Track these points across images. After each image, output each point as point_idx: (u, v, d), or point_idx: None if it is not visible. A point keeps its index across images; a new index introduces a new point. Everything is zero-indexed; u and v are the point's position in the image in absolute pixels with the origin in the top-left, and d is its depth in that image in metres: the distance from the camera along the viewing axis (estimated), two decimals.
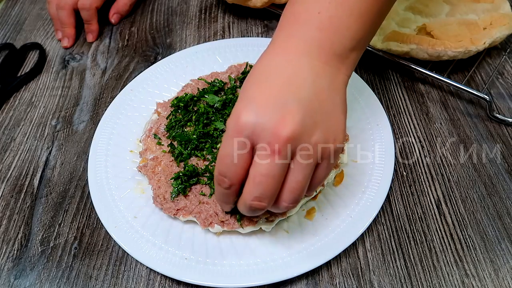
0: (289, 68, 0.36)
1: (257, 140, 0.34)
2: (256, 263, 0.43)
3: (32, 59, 0.69)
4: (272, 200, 0.36)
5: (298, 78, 0.36)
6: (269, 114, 0.34)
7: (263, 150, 0.34)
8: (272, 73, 0.36)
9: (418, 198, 0.49)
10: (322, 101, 0.36)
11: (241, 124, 0.34)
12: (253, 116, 0.34)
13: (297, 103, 0.34)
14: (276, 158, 0.33)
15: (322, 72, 0.37)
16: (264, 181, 0.34)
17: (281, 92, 0.35)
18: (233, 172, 0.35)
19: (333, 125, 0.36)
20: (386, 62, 0.62)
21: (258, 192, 0.35)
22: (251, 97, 0.35)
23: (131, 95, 0.58)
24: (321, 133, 0.35)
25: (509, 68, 0.61)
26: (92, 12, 0.70)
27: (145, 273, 0.45)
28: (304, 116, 0.34)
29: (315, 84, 0.36)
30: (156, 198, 0.47)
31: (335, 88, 0.38)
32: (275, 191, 0.35)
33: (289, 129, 0.33)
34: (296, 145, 0.34)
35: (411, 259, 0.44)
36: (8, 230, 0.49)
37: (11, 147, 0.57)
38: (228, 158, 0.35)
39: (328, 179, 0.47)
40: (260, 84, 0.36)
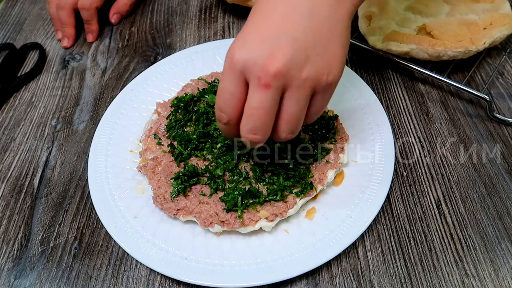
0: (287, 3, 0.37)
1: (249, 75, 0.36)
2: (256, 263, 0.43)
3: (32, 59, 0.69)
4: (266, 133, 0.38)
5: (295, 13, 0.37)
6: (260, 50, 0.35)
7: (254, 84, 0.35)
8: (269, 9, 0.37)
9: (418, 198, 0.49)
10: (319, 34, 0.37)
11: (234, 60, 0.36)
12: (245, 53, 0.35)
13: (289, 38, 0.35)
14: (265, 91, 0.35)
15: (322, 5, 0.37)
16: (255, 114, 0.36)
17: (275, 28, 0.36)
18: (230, 107, 0.37)
19: (329, 59, 0.37)
20: (386, 62, 0.62)
21: (250, 124, 0.37)
22: (246, 34, 0.37)
23: (131, 95, 0.58)
24: (314, 67, 0.36)
25: (509, 68, 0.61)
26: (92, 12, 0.70)
27: (145, 273, 0.45)
28: (295, 51, 0.35)
29: (312, 15, 0.37)
30: (156, 198, 0.47)
31: (335, 19, 0.38)
32: (267, 124, 0.37)
33: (277, 63, 0.34)
34: (286, 80, 0.35)
35: (411, 259, 0.44)
36: (8, 230, 0.49)
37: (11, 147, 0.57)
38: (224, 94, 0.37)
39: (328, 179, 0.47)
40: (257, 21, 0.38)
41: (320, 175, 0.47)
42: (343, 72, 0.57)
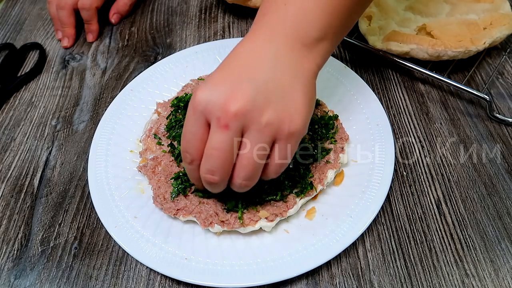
0: (252, 53, 0.38)
1: (209, 116, 0.36)
2: (256, 263, 0.43)
3: (32, 59, 0.69)
4: (223, 175, 0.37)
5: (258, 61, 0.37)
6: (221, 91, 0.35)
7: (214, 124, 0.36)
8: (236, 58, 0.38)
9: (418, 198, 0.49)
10: (280, 84, 0.37)
11: (196, 101, 0.36)
12: (206, 93, 0.36)
13: (251, 82, 0.36)
14: (224, 132, 0.35)
15: (284, 57, 0.38)
16: (214, 154, 0.36)
17: (238, 72, 0.37)
18: (193, 147, 0.37)
19: (291, 107, 0.37)
20: (386, 62, 0.62)
21: (209, 164, 0.36)
22: (210, 78, 0.37)
23: (131, 95, 0.58)
24: (275, 112, 0.36)
25: (509, 68, 0.61)
26: (92, 12, 0.70)
27: (145, 273, 0.45)
28: (256, 94, 0.35)
29: (275, 67, 0.37)
30: (156, 198, 0.47)
31: (297, 74, 0.38)
32: (225, 165, 0.36)
33: (237, 104, 0.34)
34: (246, 122, 0.35)
35: (411, 259, 0.44)
36: (8, 230, 0.49)
37: (11, 147, 0.57)
38: (187, 134, 0.38)
39: (328, 179, 0.47)
40: (222, 67, 0.38)
41: (320, 175, 0.47)
42: (343, 72, 0.58)
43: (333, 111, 0.53)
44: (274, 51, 0.38)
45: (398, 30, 0.60)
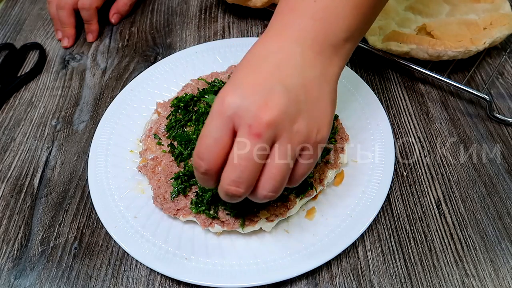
0: (280, 54, 0.36)
1: (239, 122, 0.33)
2: (256, 263, 0.43)
3: (32, 59, 0.69)
4: (249, 186, 0.34)
5: (288, 65, 0.36)
6: (253, 98, 0.33)
7: (244, 132, 0.33)
8: (263, 58, 0.36)
9: (418, 198, 0.49)
10: (309, 91, 0.36)
11: (225, 105, 0.33)
12: (237, 99, 0.33)
13: (283, 89, 0.34)
14: (256, 141, 0.33)
15: (313, 62, 0.37)
16: (242, 164, 0.33)
17: (268, 77, 0.35)
18: (212, 155, 0.34)
19: (318, 116, 0.36)
20: (386, 62, 0.62)
21: (235, 175, 0.34)
22: (239, 81, 0.35)
23: (131, 95, 0.58)
24: (304, 122, 0.35)
25: (509, 68, 0.61)
26: (92, 12, 0.70)
27: (145, 273, 0.45)
28: (288, 103, 0.34)
29: (304, 73, 0.36)
30: (156, 198, 0.47)
31: (325, 79, 0.37)
32: (253, 176, 0.34)
33: (271, 113, 0.33)
34: (277, 131, 0.33)
35: (411, 259, 0.44)
36: (8, 230, 0.49)
37: (11, 147, 0.57)
38: (207, 139, 0.34)
39: (328, 179, 0.47)
40: (250, 68, 0.36)
41: (320, 175, 0.47)
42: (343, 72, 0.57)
43: None
44: (304, 52, 0.36)
45: (398, 30, 0.60)
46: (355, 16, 0.38)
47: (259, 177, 0.35)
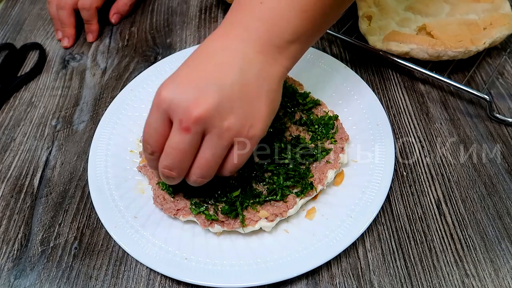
0: (222, 53, 0.38)
1: (172, 115, 0.37)
2: (256, 263, 0.43)
3: (32, 59, 0.69)
4: (181, 172, 0.39)
5: (227, 64, 0.38)
6: (186, 94, 0.36)
7: (175, 125, 0.37)
8: (205, 56, 0.39)
9: (418, 198, 0.49)
10: (246, 89, 0.38)
11: (161, 98, 0.37)
12: (171, 93, 0.37)
13: (216, 87, 0.36)
14: (184, 134, 0.36)
15: (254, 61, 0.38)
16: (173, 153, 0.38)
17: (205, 75, 0.37)
18: (154, 141, 0.39)
19: (252, 113, 0.38)
20: (386, 62, 0.62)
21: (167, 161, 0.38)
22: (177, 75, 0.38)
23: (131, 95, 0.58)
24: (236, 119, 0.37)
25: (509, 68, 0.61)
26: (92, 12, 0.70)
27: (145, 273, 0.45)
28: (219, 100, 0.36)
29: (243, 72, 0.38)
30: (156, 198, 0.47)
31: (265, 78, 0.39)
32: (183, 164, 0.38)
33: (200, 110, 0.35)
34: (207, 126, 0.36)
35: (411, 259, 0.44)
36: (8, 230, 0.49)
37: (11, 147, 0.57)
38: (149, 128, 0.39)
39: (328, 179, 0.47)
40: (192, 65, 0.39)
41: (320, 175, 0.47)
42: (343, 72, 0.58)
43: (333, 111, 0.53)
44: (244, 52, 0.38)
45: (398, 30, 0.60)
46: (301, 20, 0.39)
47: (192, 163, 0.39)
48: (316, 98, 0.54)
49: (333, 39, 0.67)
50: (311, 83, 0.57)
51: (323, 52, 0.61)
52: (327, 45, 0.67)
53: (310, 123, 0.51)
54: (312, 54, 0.61)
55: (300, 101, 0.53)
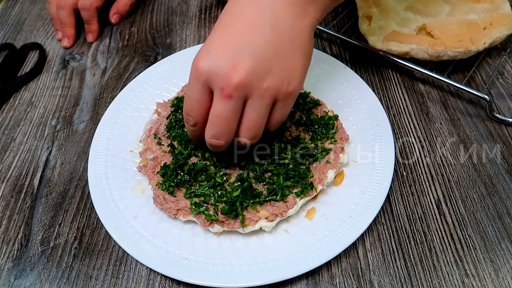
0: (251, 9, 0.38)
1: (212, 85, 0.38)
2: (256, 263, 0.43)
3: (32, 59, 0.69)
4: (228, 138, 0.40)
5: (257, 23, 0.38)
6: (223, 62, 0.37)
7: (217, 94, 0.38)
8: (235, 15, 0.39)
9: (418, 198, 0.49)
10: (280, 46, 0.38)
11: (199, 70, 0.38)
12: (208, 63, 0.37)
13: (251, 51, 0.37)
14: (227, 101, 0.37)
15: (285, 14, 0.39)
16: (218, 122, 0.39)
17: (237, 39, 0.38)
18: (196, 112, 0.40)
19: (289, 69, 0.39)
20: (386, 62, 0.62)
21: (214, 131, 0.39)
22: (211, 44, 0.38)
23: (131, 95, 0.58)
24: (274, 78, 0.38)
25: (509, 68, 0.61)
26: (92, 12, 0.70)
27: (145, 273, 0.45)
28: (255, 63, 0.37)
29: (274, 29, 0.38)
30: (156, 198, 0.47)
31: (296, 31, 0.39)
32: (229, 130, 0.39)
33: (239, 76, 0.36)
34: (248, 90, 0.37)
35: (411, 259, 0.44)
36: (8, 230, 0.49)
37: (11, 147, 0.57)
38: (190, 100, 0.40)
39: (328, 179, 0.47)
40: (222, 29, 0.39)
41: (320, 175, 0.47)
42: (343, 72, 0.58)
43: (333, 111, 0.53)
44: (274, 5, 0.38)
45: (398, 30, 0.60)
46: None
47: (238, 127, 0.40)
48: (316, 98, 0.54)
49: (333, 39, 0.67)
50: (311, 83, 0.57)
51: (323, 52, 0.61)
52: (327, 45, 0.67)
53: (310, 123, 0.51)
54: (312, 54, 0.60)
55: (300, 101, 0.53)
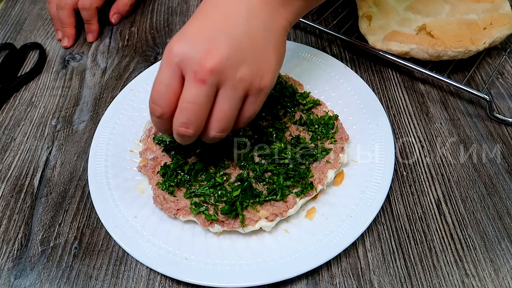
0: (227, 3, 0.39)
1: (185, 69, 0.36)
2: (256, 263, 0.43)
3: (32, 59, 0.69)
4: (198, 128, 0.38)
5: (233, 15, 0.38)
6: (198, 46, 0.36)
7: (190, 78, 0.36)
8: (211, 8, 0.39)
9: (418, 198, 0.49)
10: (254, 40, 0.38)
11: (172, 54, 0.37)
12: (183, 47, 0.36)
13: (226, 38, 0.37)
14: (200, 86, 0.36)
15: (259, 12, 0.39)
16: (189, 108, 0.37)
17: (213, 26, 0.37)
18: (164, 100, 0.38)
19: (262, 64, 0.39)
20: (386, 62, 0.62)
21: (184, 118, 0.37)
22: (186, 30, 0.38)
23: (131, 95, 0.58)
24: (248, 69, 0.37)
25: (509, 68, 0.61)
26: (92, 12, 0.70)
27: (145, 273, 0.45)
28: (231, 50, 0.36)
29: (249, 22, 0.38)
30: (156, 198, 0.47)
31: (270, 29, 0.40)
32: (200, 118, 0.38)
33: (214, 60, 0.35)
34: (221, 77, 0.36)
35: (411, 259, 0.44)
36: (8, 230, 0.49)
37: (11, 147, 0.57)
38: (160, 86, 0.38)
39: (328, 179, 0.47)
40: (199, 18, 0.39)
41: (320, 175, 0.47)
42: (343, 72, 0.58)
43: (333, 111, 0.53)
44: (249, 4, 0.39)
45: (398, 30, 0.60)
46: None
47: (208, 119, 0.38)
48: (316, 98, 0.54)
49: (333, 39, 0.67)
50: (311, 83, 0.57)
51: (323, 52, 0.61)
52: (327, 45, 0.67)
53: (310, 123, 0.51)
54: (312, 54, 0.61)
55: (300, 101, 0.53)
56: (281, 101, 0.53)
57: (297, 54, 0.61)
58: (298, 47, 0.62)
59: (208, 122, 0.39)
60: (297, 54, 0.61)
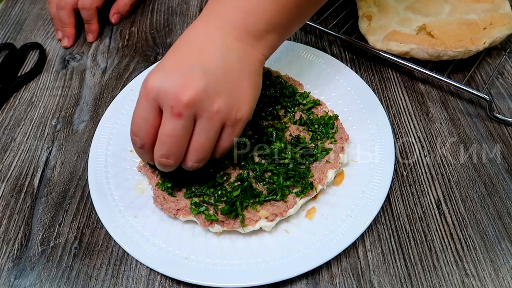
0: (203, 39, 0.40)
1: (162, 103, 0.37)
2: (256, 263, 0.43)
3: (32, 59, 0.69)
4: (178, 158, 0.40)
5: (208, 49, 0.39)
6: (174, 80, 0.37)
7: (167, 112, 0.37)
8: (187, 43, 0.40)
9: (418, 198, 0.49)
10: (229, 73, 0.39)
11: (148, 88, 0.38)
12: (158, 81, 0.37)
13: (202, 71, 0.37)
14: (177, 120, 0.37)
15: (233, 47, 0.40)
16: (168, 141, 0.38)
17: (189, 60, 0.38)
18: (143, 132, 0.39)
19: (238, 96, 0.39)
20: (386, 62, 0.62)
21: (163, 150, 0.39)
22: (162, 64, 0.39)
23: (131, 95, 0.58)
24: (224, 101, 0.38)
25: (509, 68, 0.61)
26: (92, 12, 0.70)
27: (145, 273, 0.45)
28: (206, 83, 0.37)
29: (224, 57, 0.39)
30: (156, 198, 0.47)
31: (245, 62, 0.40)
32: (179, 150, 0.39)
33: (189, 94, 0.36)
34: (198, 110, 0.37)
35: (411, 259, 0.44)
36: (8, 230, 0.49)
37: (11, 147, 0.57)
38: (138, 119, 0.39)
39: (328, 179, 0.47)
40: (175, 53, 0.40)
41: (320, 175, 0.47)
42: (343, 72, 0.58)
43: (333, 111, 0.53)
44: (224, 38, 0.39)
45: (398, 30, 0.60)
46: (275, 11, 0.41)
47: (187, 149, 0.39)
48: (316, 98, 0.54)
49: (333, 39, 0.67)
50: (311, 83, 0.57)
51: (323, 52, 0.61)
52: (327, 45, 0.67)
53: (310, 123, 0.51)
54: (312, 54, 0.61)
55: (300, 101, 0.53)
56: (281, 101, 0.53)
57: (297, 54, 0.61)
58: (298, 47, 0.62)
59: (186, 152, 0.40)
60: (297, 54, 0.61)
